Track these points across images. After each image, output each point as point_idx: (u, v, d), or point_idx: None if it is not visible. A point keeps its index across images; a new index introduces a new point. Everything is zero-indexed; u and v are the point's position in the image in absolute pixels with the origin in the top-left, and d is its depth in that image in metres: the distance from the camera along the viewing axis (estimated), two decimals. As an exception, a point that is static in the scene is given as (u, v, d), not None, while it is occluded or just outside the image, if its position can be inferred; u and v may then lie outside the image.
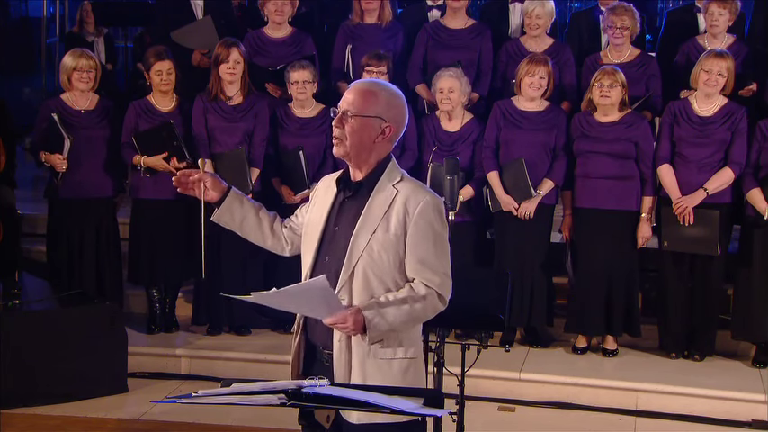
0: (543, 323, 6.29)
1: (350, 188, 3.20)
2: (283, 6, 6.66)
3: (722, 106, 6.00)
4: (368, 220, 3.13)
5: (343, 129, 3.14)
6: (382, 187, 3.16)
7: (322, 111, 6.43)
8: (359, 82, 3.28)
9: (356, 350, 3.11)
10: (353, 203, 3.18)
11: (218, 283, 6.34)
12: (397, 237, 3.11)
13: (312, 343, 3.23)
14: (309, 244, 3.23)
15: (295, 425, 3.30)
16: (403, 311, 3.07)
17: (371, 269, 3.11)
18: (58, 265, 6.39)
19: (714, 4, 6.34)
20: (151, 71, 6.25)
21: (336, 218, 3.20)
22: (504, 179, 6.14)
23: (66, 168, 6.17)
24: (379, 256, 3.11)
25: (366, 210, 3.14)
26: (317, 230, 3.22)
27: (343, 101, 3.18)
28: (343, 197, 3.22)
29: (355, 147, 3.15)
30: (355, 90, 3.19)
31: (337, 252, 3.15)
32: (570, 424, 5.55)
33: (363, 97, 3.16)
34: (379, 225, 3.11)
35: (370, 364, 3.11)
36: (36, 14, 11.46)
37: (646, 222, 6.06)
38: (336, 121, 3.16)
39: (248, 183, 6.19)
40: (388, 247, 3.11)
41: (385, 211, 3.13)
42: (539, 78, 6.08)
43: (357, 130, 3.14)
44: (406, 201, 3.12)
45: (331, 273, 3.12)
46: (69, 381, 5.62)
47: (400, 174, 3.20)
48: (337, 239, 3.17)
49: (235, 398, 2.71)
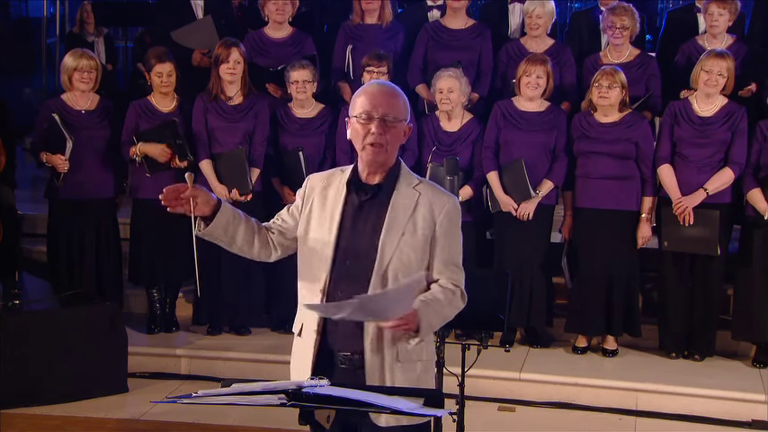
0: (542, 323, 6.29)
1: (367, 190, 3.17)
2: (284, 6, 6.67)
3: (722, 106, 6.00)
4: (394, 222, 3.13)
5: (385, 135, 3.11)
6: (403, 189, 3.17)
7: (322, 111, 6.44)
8: (378, 85, 3.22)
9: (387, 353, 3.12)
10: (373, 206, 3.16)
11: (218, 283, 6.36)
12: (424, 238, 3.14)
13: (329, 347, 3.16)
14: (321, 248, 3.16)
15: (295, 425, 3.29)
16: (442, 313, 3.13)
17: (400, 271, 3.11)
18: (59, 265, 6.39)
19: (714, 4, 6.34)
20: (152, 72, 6.26)
21: (353, 220, 3.16)
22: (503, 180, 6.14)
23: (67, 169, 6.18)
24: (407, 258, 3.12)
25: (390, 212, 3.14)
26: (329, 234, 3.15)
27: (376, 105, 3.11)
28: (360, 199, 3.17)
29: (392, 152, 3.16)
30: (384, 93, 3.15)
31: (360, 255, 3.12)
32: (570, 424, 5.55)
33: (396, 101, 3.14)
34: (406, 227, 3.13)
35: (399, 367, 3.13)
36: (36, 14, 11.46)
37: (646, 222, 6.06)
38: (379, 128, 3.10)
39: (248, 183, 6.19)
40: (416, 249, 3.13)
41: (410, 213, 3.14)
42: (536, 78, 6.08)
43: (396, 134, 3.14)
44: (431, 203, 3.16)
45: (356, 277, 3.10)
46: (69, 381, 5.62)
47: (414, 175, 3.23)
48: (358, 243, 3.13)
49: (235, 398, 2.71)
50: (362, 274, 3.11)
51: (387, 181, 3.18)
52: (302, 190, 3.29)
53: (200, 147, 6.28)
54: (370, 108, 3.12)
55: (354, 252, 3.13)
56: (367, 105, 3.13)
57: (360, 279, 3.10)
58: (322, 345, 3.16)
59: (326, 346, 3.16)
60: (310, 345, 3.17)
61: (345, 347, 3.14)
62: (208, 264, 6.36)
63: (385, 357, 3.12)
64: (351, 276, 3.11)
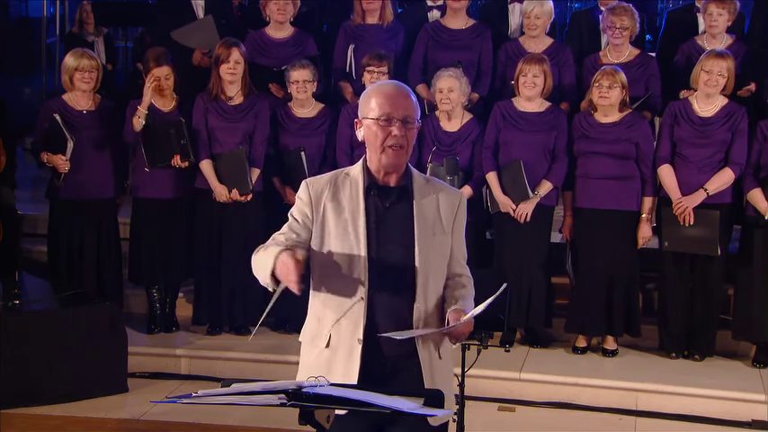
0: (541, 324, 6.28)
1: (390, 194, 3.16)
2: (285, 6, 6.67)
3: (723, 106, 6.00)
4: (425, 225, 3.15)
5: (406, 137, 3.11)
6: (421, 189, 3.19)
7: (322, 110, 6.44)
8: (394, 86, 3.18)
9: (434, 352, 3.17)
10: (398, 210, 3.16)
11: (217, 283, 6.36)
12: (448, 235, 3.20)
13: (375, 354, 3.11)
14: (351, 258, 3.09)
15: (295, 425, 3.29)
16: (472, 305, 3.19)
17: (437, 272, 3.16)
18: (59, 265, 6.39)
19: (713, 4, 6.34)
20: (149, 75, 6.24)
21: (379, 227, 3.13)
22: (502, 180, 6.14)
23: (68, 169, 6.18)
24: (441, 258, 3.18)
25: (417, 214, 3.15)
26: (357, 243, 3.10)
27: (396, 107, 3.08)
28: (384, 204, 3.15)
29: (410, 153, 3.17)
30: (403, 95, 3.13)
31: (395, 261, 3.11)
32: (570, 424, 5.55)
33: (413, 102, 3.14)
34: (435, 227, 3.16)
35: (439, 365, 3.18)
36: (36, 14, 11.45)
37: (646, 223, 6.06)
38: (401, 130, 3.09)
39: (248, 183, 6.20)
40: (445, 246, 3.20)
41: (435, 213, 3.18)
42: (532, 77, 6.08)
43: (413, 136, 3.15)
44: (448, 200, 3.21)
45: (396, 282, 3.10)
46: (69, 381, 5.62)
47: (419, 173, 3.25)
48: (391, 250, 3.12)
49: (235, 398, 2.71)
50: (403, 279, 3.12)
51: (405, 182, 3.18)
52: (306, 197, 3.18)
53: (201, 147, 6.28)
54: (391, 110, 3.09)
55: (389, 258, 3.11)
56: (387, 107, 3.10)
57: (401, 285, 3.11)
58: (368, 351, 3.11)
59: (374, 352, 3.11)
60: (352, 353, 3.11)
61: (396, 350, 3.12)
62: (208, 263, 6.38)
63: (432, 356, 3.17)
64: (390, 283, 3.10)
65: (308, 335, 3.25)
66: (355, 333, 3.11)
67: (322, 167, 6.36)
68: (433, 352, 3.18)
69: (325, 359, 3.17)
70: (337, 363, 3.13)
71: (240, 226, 6.30)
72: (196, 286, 6.54)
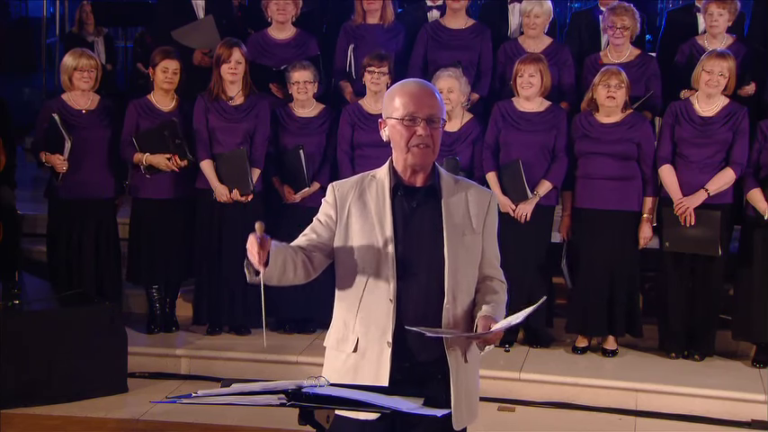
0: (542, 324, 6.28)
1: (416, 194, 3.12)
2: (285, 6, 6.66)
3: (723, 106, 6.00)
4: (454, 225, 3.10)
5: (431, 136, 3.06)
6: (449, 189, 3.14)
7: (322, 110, 6.44)
8: (419, 85, 3.12)
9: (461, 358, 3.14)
10: (425, 210, 3.11)
11: (217, 283, 6.36)
12: (479, 235, 3.16)
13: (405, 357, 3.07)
14: (378, 259, 3.06)
15: (295, 425, 3.28)
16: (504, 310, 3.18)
17: (468, 272, 3.13)
18: (58, 265, 6.39)
19: (714, 4, 6.34)
20: (157, 68, 6.25)
21: (407, 228, 3.09)
22: (501, 180, 6.14)
23: (66, 169, 6.18)
24: (472, 258, 3.14)
25: (446, 215, 3.10)
26: (385, 244, 3.06)
27: (421, 107, 3.03)
28: (410, 205, 3.11)
29: (437, 152, 3.11)
30: (428, 94, 3.08)
31: (423, 261, 3.08)
32: (570, 424, 5.55)
33: (437, 101, 3.08)
34: (464, 227, 3.12)
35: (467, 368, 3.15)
36: (36, 14, 11.46)
37: (647, 223, 6.06)
38: (426, 128, 3.04)
39: (249, 183, 6.20)
40: (476, 246, 3.15)
41: (464, 213, 3.13)
42: (528, 77, 6.08)
43: (439, 134, 3.10)
44: (478, 199, 3.17)
45: (425, 283, 3.08)
46: (69, 381, 5.62)
47: (447, 172, 3.21)
48: (419, 250, 3.08)
49: (235, 398, 2.71)
50: (432, 280, 3.08)
51: (433, 182, 3.13)
52: (331, 199, 3.15)
53: (201, 147, 6.28)
54: (415, 109, 3.04)
55: (417, 261, 3.08)
56: (411, 107, 3.05)
57: (430, 286, 3.08)
58: (397, 355, 3.06)
59: (404, 356, 3.08)
60: (381, 357, 3.07)
61: (426, 355, 3.09)
62: (208, 263, 6.38)
63: (460, 361, 3.13)
64: (420, 285, 3.07)
65: (333, 339, 3.20)
66: (384, 336, 3.06)
67: (322, 167, 6.37)
68: (461, 357, 3.13)
69: (352, 363, 3.12)
70: (366, 367, 3.09)
71: (240, 226, 6.29)
72: (196, 286, 6.54)
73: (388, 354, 3.06)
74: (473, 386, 3.20)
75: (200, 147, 6.28)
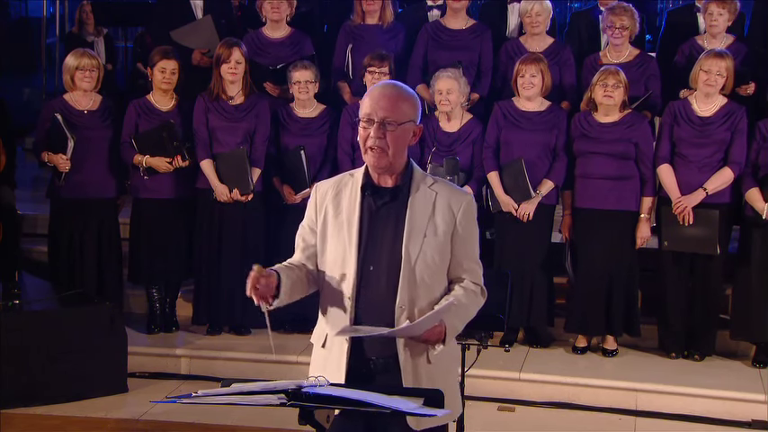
0: (543, 324, 6.28)
1: (383, 194, 3.14)
2: (279, 5, 6.66)
3: (722, 106, 6.00)
4: (415, 224, 3.11)
5: (385, 138, 3.07)
6: (418, 190, 3.15)
7: (323, 111, 6.44)
8: (383, 87, 3.15)
9: (422, 356, 3.13)
10: (391, 209, 3.14)
11: (217, 283, 6.36)
12: (446, 237, 3.14)
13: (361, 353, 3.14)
14: (342, 256, 3.13)
15: (295, 425, 3.29)
16: (466, 315, 3.15)
17: (427, 274, 3.11)
18: (59, 265, 6.39)
19: (713, 4, 6.35)
20: (155, 68, 6.26)
21: (371, 226, 3.13)
22: (503, 179, 6.14)
23: (69, 168, 6.18)
24: (432, 260, 3.12)
25: (410, 214, 3.12)
26: (350, 241, 3.12)
27: (376, 109, 3.06)
28: (377, 204, 3.14)
29: (396, 155, 3.10)
30: (386, 96, 3.09)
31: (383, 261, 3.11)
32: (570, 424, 5.55)
33: (397, 103, 3.08)
34: (427, 228, 3.12)
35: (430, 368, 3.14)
36: (36, 14, 11.45)
37: (645, 223, 6.06)
38: (377, 132, 3.06)
39: (249, 183, 6.20)
40: (439, 249, 3.13)
41: (430, 214, 3.13)
42: (529, 77, 6.09)
43: (397, 137, 3.08)
44: (449, 202, 3.15)
45: (383, 282, 3.10)
46: (69, 381, 5.62)
47: (428, 175, 3.22)
48: (379, 248, 3.11)
49: (235, 398, 2.71)
50: (389, 280, 3.10)
51: (402, 183, 3.15)
52: (312, 200, 3.24)
53: (201, 146, 6.28)
54: (371, 111, 3.08)
55: (376, 258, 3.11)
56: (368, 108, 3.09)
57: (387, 285, 3.10)
58: (353, 351, 3.14)
59: (358, 353, 3.14)
60: (341, 352, 3.15)
61: (377, 352, 3.13)
62: (208, 263, 6.38)
63: (418, 359, 3.13)
64: (377, 284, 3.10)
65: (315, 335, 3.30)
66: None
67: (323, 168, 6.37)
68: (420, 356, 3.13)
69: (322, 359, 3.22)
70: (331, 362, 3.17)
71: (240, 226, 6.30)
72: (196, 286, 6.54)
73: (345, 350, 3.14)
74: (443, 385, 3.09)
75: (200, 146, 6.28)
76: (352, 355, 3.13)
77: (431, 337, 3.04)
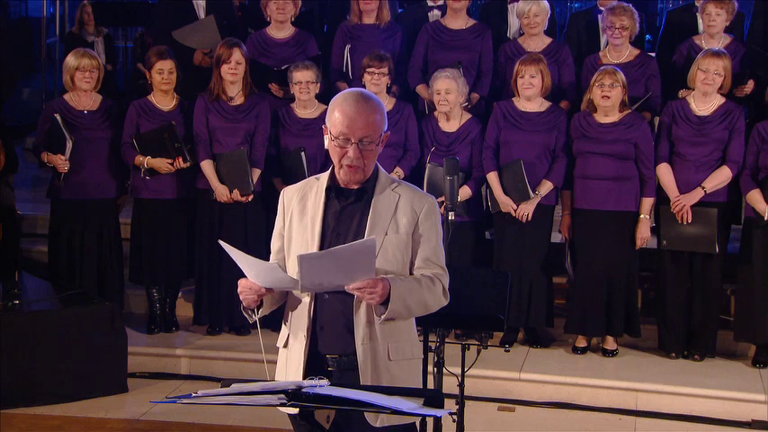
0: (543, 324, 6.28)
1: (348, 195, 3.19)
2: (285, 5, 6.66)
3: (720, 105, 6.00)
4: (377, 223, 3.15)
5: (362, 158, 3.11)
6: (382, 192, 3.19)
7: (324, 111, 6.42)
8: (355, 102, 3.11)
9: (379, 352, 3.14)
10: (355, 210, 3.18)
11: (218, 283, 6.36)
12: (407, 236, 3.17)
13: (318, 351, 3.18)
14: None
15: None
16: (419, 294, 3.12)
17: (387, 270, 3.13)
18: (59, 265, 6.39)
19: (711, 4, 6.35)
20: (153, 69, 6.27)
21: (335, 225, 3.18)
22: (502, 180, 6.14)
23: (67, 169, 6.18)
24: (393, 257, 3.15)
25: (372, 213, 3.16)
26: (312, 240, 3.18)
27: (353, 129, 3.06)
28: (341, 205, 3.19)
29: (370, 167, 3.16)
30: (362, 114, 3.08)
31: None
32: (570, 424, 5.55)
33: (374, 119, 3.10)
34: (389, 227, 3.15)
35: (391, 366, 3.15)
36: (36, 14, 11.47)
37: (645, 223, 6.06)
38: (356, 152, 3.09)
39: (249, 183, 6.20)
40: (400, 247, 3.16)
41: (392, 214, 3.17)
42: (529, 77, 6.09)
43: (373, 153, 3.14)
44: (412, 202, 3.19)
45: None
46: (69, 381, 5.63)
47: (392, 177, 3.27)
48: (342, 244, 3.12)
49: (235, 398, 2.71)
50: None
51: (366, 185, 3.19)
52: (280, 205, 3.33)
53: (202, 147, 6.28)
54: (348, 132, 3.09)
55: None
56: (344, 128, 3.09)
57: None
58: (311, 349, 3.19)
59: (316, 350, 3.19)
60: (300, 350, 3.20)
61: (335, 349, 3.17)
62: (208, 264, 6.38)
63: (378, 357, 3.14)
64: None
65: (279, 336, 3.38)
66: (302, 331, 3.20)
67: (324, 168, 6.34)
68: (381, 352, 3.15)
69: (284, 359, 3.30)
70: (292, 361, 3.23)
71: (241, 226, 6.30)
72: (196, 286, 6.54)
73: (302, 347, 3.18)
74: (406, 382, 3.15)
75: (200, 147, 6.28)
76: (311, 353, 3.18)
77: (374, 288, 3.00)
